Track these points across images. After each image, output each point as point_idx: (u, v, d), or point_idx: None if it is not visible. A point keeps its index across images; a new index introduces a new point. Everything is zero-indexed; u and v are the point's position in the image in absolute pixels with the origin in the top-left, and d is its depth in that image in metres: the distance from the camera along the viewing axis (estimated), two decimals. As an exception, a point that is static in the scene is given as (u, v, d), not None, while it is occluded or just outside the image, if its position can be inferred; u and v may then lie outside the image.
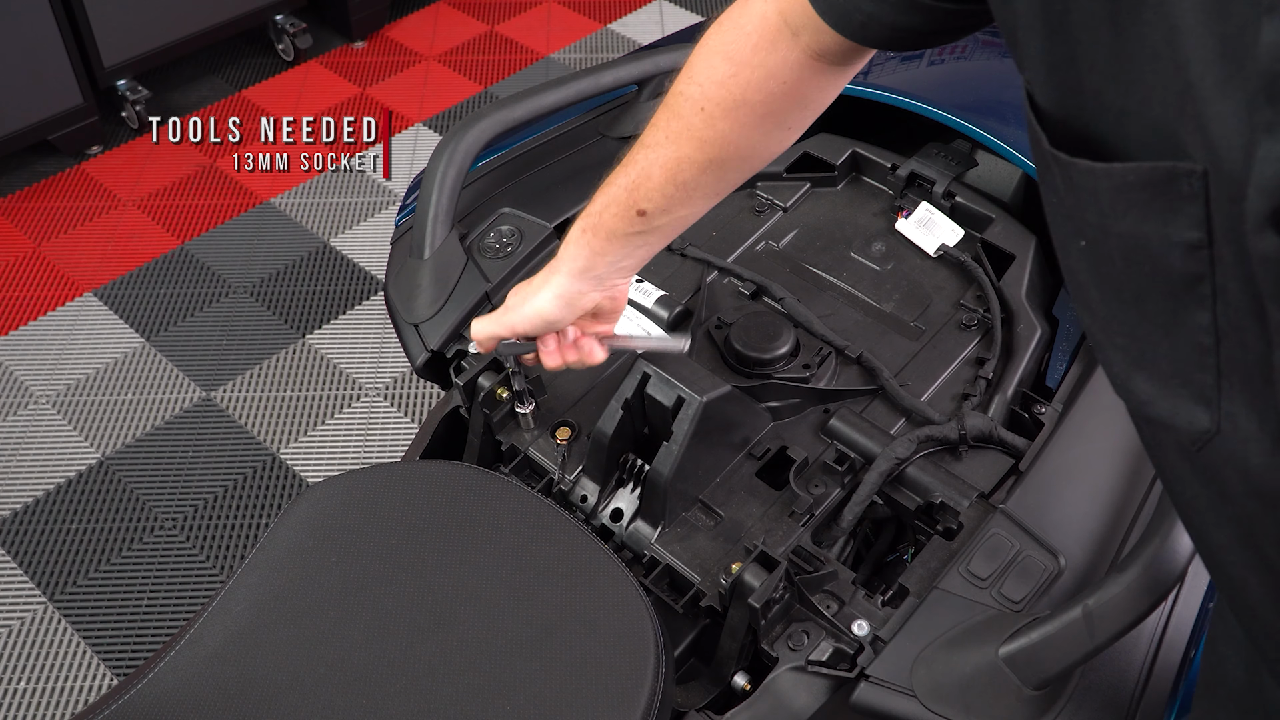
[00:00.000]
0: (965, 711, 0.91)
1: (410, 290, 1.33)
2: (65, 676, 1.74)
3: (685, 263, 1.36)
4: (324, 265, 2.48)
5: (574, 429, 1.18)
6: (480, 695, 0.91)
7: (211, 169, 2.73)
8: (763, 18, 0.85)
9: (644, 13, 3.33)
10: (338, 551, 1.02)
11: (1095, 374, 1.15)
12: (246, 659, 0.93)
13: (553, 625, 0.96)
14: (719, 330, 1.25)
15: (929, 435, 1.12)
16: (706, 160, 0.92)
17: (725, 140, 0.90)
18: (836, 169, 1.44)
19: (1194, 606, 0.98)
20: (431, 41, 3.18)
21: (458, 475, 1.09)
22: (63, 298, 2.39)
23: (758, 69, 0.86)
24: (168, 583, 1.87)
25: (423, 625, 0.96)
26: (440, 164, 1.34)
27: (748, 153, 0.93)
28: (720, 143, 0.91)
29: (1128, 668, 0.94)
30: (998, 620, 0.95)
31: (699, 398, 1.05)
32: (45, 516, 1.96)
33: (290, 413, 2.15)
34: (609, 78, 1.47)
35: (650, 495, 1.09)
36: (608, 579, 0.99)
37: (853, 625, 0.98)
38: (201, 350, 2.28)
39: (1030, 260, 1.29)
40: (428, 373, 1.30)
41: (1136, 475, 1.06)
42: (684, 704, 1.02)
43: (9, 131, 2.54)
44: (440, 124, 2.88)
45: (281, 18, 2.98)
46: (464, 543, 1.02)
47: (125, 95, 2.75)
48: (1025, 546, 1.01)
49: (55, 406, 2.16)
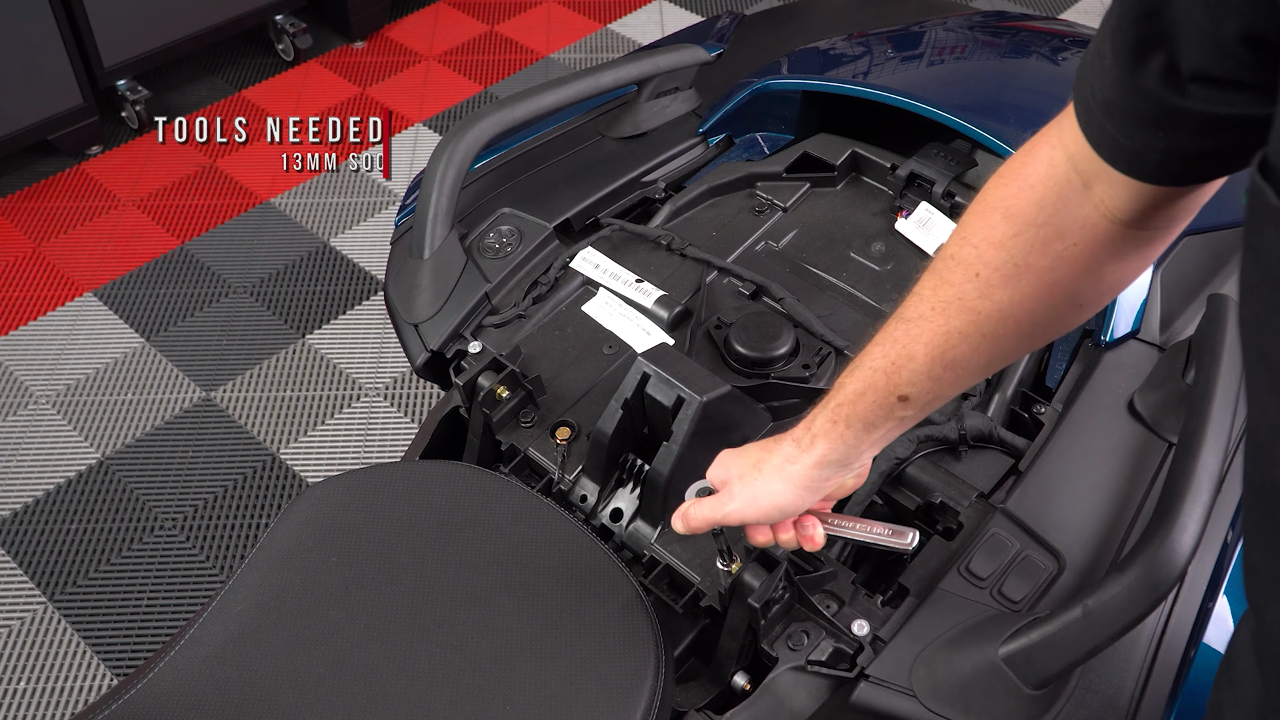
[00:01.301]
0: (965, 711, 0.91)
1: (410, 290, 1.33)
2: (65, 676, 1.74)
3: (685, 263, 1.36)
4: (324, 265, 2.48)
5: (574, 429, 1.18)
6: (480, 695, 0.91)
7: (211, 169, 2.73)
8: (1049, 165, 0.72)
9: (644, 13, 3.33)
10: (338, 551, 1.02)
11: (1095, 374, 1.15)
12: (246, 659, 0.93)
13: (552, 625, 0.96)
14: (719, 330, 1.25)
15: (929, 435, 1.12)
16: (981, 336, 0.78)
17: (1003, 314, 0.76)
18: (836, 169, 1.44)
19: (1194, 606, 0.98)
20: (431, 41, 3.18)
21: (458, 475, 1.09)
22: (63, 298, 2.39)
23: (1043, 228, 0.72)
24: (168, 583, 1.87)
25: (423, 625, 0.96)
26: (440, 164, 1.34)
27: (1029, 330, 0.78)
28: (998, 317, 0.77)
29: (1128, 668, 0.94)
30: (998, 620, 0.95)
31: (699, 398, 1.05)
32: (45, 516, 1.96)
33: (290, 413, 2.15)
34: (609, 78, 1.47)
35: (650, 495, 1.09)
36: (608, 579, 0.99)
37: (853, 625, 0.98)
38: (201, 350, 2.28)
39: (1030, 260, 1.29)
40: (428, 373, 1.30)
41: (1136, 475, 1.07)
42: (684, 704, 1.02)
43: (9, 131, 2.54)
44: (440, 124, 2.88)
45: (281, 18, 2.98)
46: (464, 543, 1.02)
47: (125, 95, 2.75)
48: (1025, 546, 1.01)
49: (55, 406, 2.16)
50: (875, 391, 0.82)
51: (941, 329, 0.78)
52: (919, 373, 0.80)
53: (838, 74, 1.54)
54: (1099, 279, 0.75)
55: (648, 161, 1.51)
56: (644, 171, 1.50)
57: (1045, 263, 0.74)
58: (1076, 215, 0.71)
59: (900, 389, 0.81)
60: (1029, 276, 0.74)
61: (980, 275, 0.75)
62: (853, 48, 1.61)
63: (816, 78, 1.52)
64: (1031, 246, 0.73)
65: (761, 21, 1.82)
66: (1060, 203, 0.71)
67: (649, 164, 1.51)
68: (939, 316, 0.78)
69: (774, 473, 0.89)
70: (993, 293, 0.76)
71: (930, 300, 0.79)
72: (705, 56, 1.57)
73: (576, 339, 1.28)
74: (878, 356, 0.82)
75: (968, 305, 0.77)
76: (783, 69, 1.55)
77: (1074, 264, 0.73)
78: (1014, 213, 0.73)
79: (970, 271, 0.76)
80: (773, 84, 1.52)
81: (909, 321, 0.80)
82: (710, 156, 1.55)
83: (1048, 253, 0.73)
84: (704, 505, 0.93)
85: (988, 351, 0.79)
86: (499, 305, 1.33)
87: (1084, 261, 0.73)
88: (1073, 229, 0.72)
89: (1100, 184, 0.69)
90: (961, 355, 0.79)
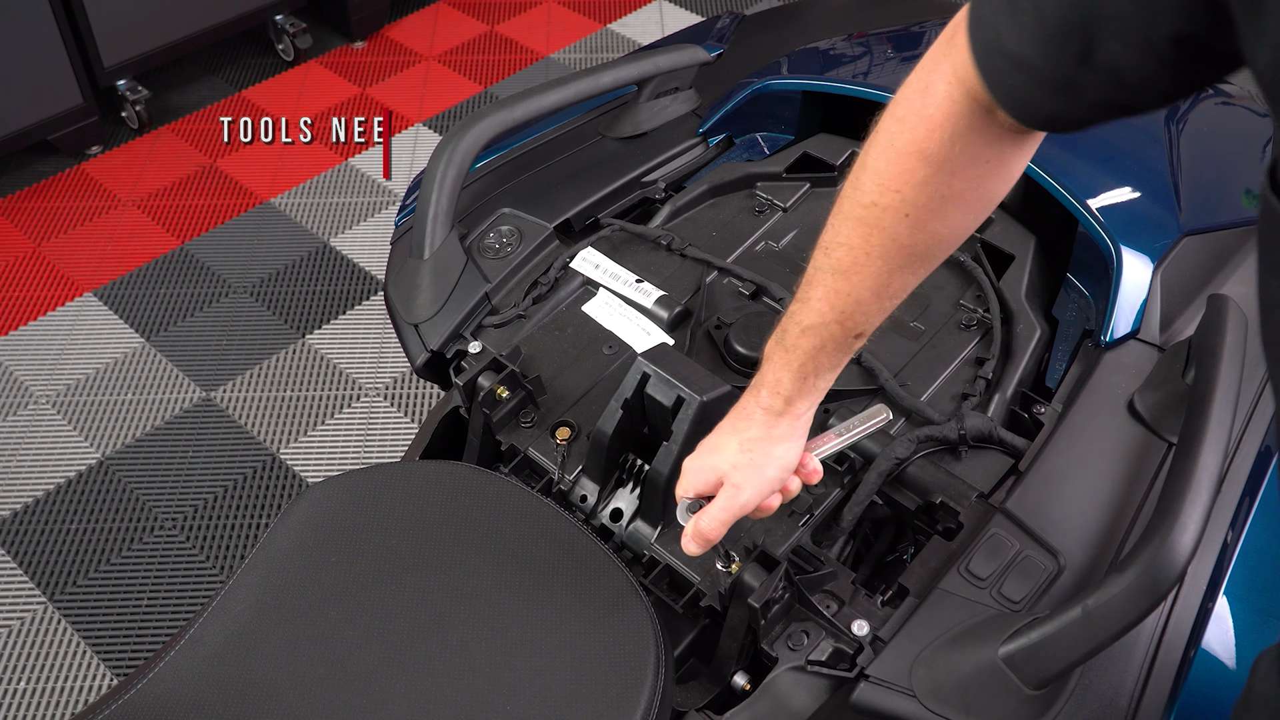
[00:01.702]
0: (965, 711, 0.91)
1: (410, 290, 1.33)
2: (65, 676, 1.74)
3: (685, 263, 1.36)
4: (324, 265, 2.48)
5: (574, 429, 1.18)
6: (480, 695, 0.91)
7: (211, 169, 2.73)
8: (950, 101, 0.75)
9: (644, 13, 3.33)
10: (338, 551, 1.02)
11: (1095, 374, 1.15)
12: (246, 659, 0.93)
13: (552, 625, 0.96)
14: (719, 330, 1.25)
15: (929, 435, 1.12)
16: (920, 261, 0.84)
17: (939, 238, 0.82)
18: (836, 169, 1.44)
19: (1194, 606, 0.98)
20: (431, 41, 3.18)
21: (458, 475, 1.09)
22: (63, 298, 2.39)
23: (959, 158, 0.77)
24: (168, 583, 1.87)
25: (423, 625, 0.96)
26: (440, 164, 1.34)
27: (955, 240, 0.85)
28: (933, 241, 0.82)
29: (1128, 668, 0.94)
30: (998, 620, 0.95)
31: (698, 397, 1.05)
32: (45, 516, 1.96)
33: (290, 413, 2.15)
34: (609, 78, 1.47)
35: (650, 495, 1.09)
36: (608, 579, 0.99)
37: (852, 625, 0.98)
38: (201, 350, 2.28)
39: (1030, 260, 1.29)
40: (428, 373, 1.30)
41: (1136, 475, 1.07)
42: (684, 704, 1.02)
43: (9, 131, 2.54)
44: (440, 124, 2.88)
45: (281, 18, 2.98)
46: (464, 543, 1.02)
47: (125, 95, 2.75)
48: (1025, 546, 1.01)
49: (55, 406, 2.16)
50: (834, 340, 0.87)
51: (883, 269, 0.83)
52: (869, 311, 0.86)
53: (838, 74, 1.54)
54: (1010, 177, 0.81)
55: (648, 161, 1.51)
56: (644, 171, 1.50)
57: (966, 185, 0.79)
58: (987, 136, 0.76)
59: (855, 329, 0.87)
60: (955, 203, 0.79)
61: (910, 215, 0.80)
62: (853, 48, 1.61)
63: (816, 78, 1.52)
64: (953, 176, 0.78)
65: (761, 21, 1.82)
66: (970, 132, 0.75)
67: (649, 164, 1.51)
68: (876, 260, 0.82)
69: (767, 443, 0.92)
70: (925, 226, 0.80)
71: (863, 247, 0.82)
72: (705, 56, 1.57)
73: (576, 339, 1.28)
74: (825, 311, 0.86)
75: (903, 243, 0.81)
76: (783, 69, 1.55)
77: (992, 178, 0.79)
78: (929, 154, 0.77)
79: (899, 214, 0.80)
80: (773, 84, 1.52)
81: (846, 273, 0.84)
82: (710, 156, 1.55)
83: (968, 176, 0.78)
84: (713, 511, 0.92)
85: (927, 269, 0.86)
86: (499, 305, 1.33)
87: (999, 172, 0.79)
88: (985, 150, 0.77)
89: (1000, 110, 0.73)
90: (905, 281, 0.85)
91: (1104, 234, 1.23)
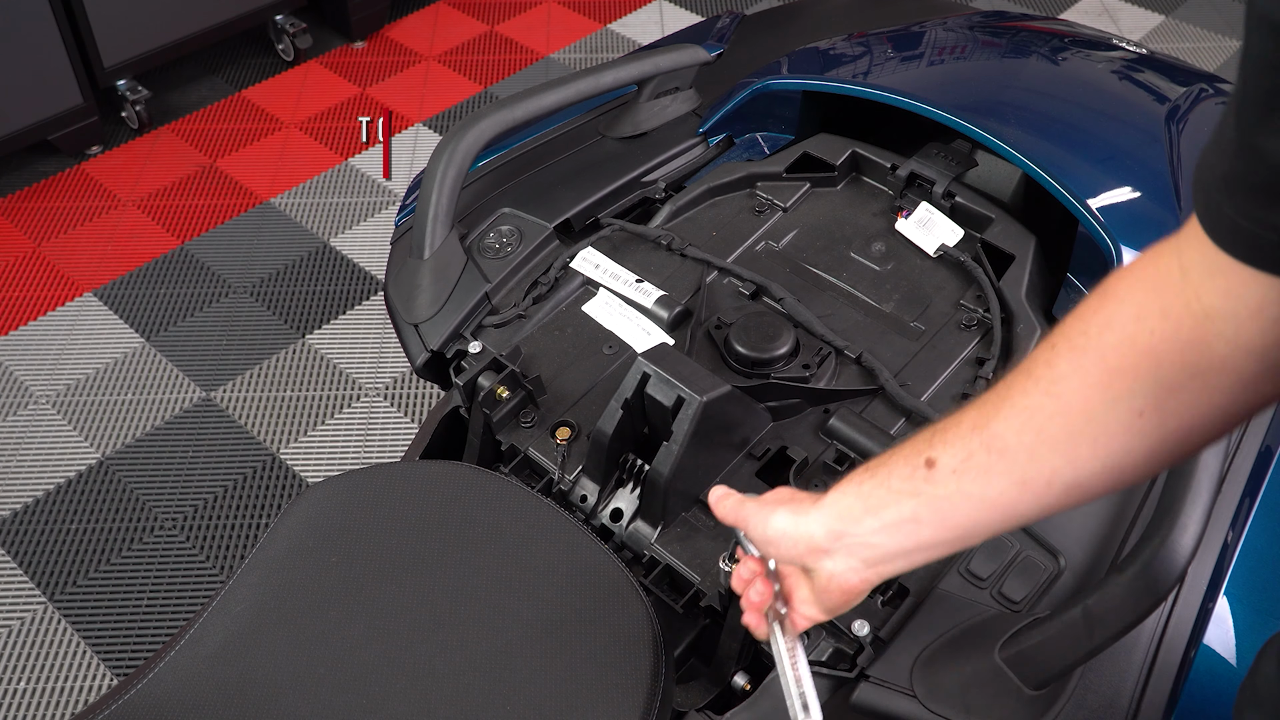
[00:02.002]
0: (965, 711, 0.91)
1: (410, 290, 1.33)
2: (65, 676, 1.74)
3: (685, 263, 1.36)
4: (324, 265, 2.48)
5: (574, 429, 1.18)
6: (480, 695, 0.91)
7: (211, 169, 2.73)
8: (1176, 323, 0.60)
9: (644, 13, 3.33)
10: (338, 551, 1.02)
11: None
12: (246, 659, 0.93)
13: (552, 625, 0.96)
14: (719, 330, 1.25)
15: (929, 435, 1.11)
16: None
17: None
18: (836, 169, 1.44)
19: (1194, 607, 0.98)
20: (431, 41, 3.18)
21: (458, 475, 1.09)
22: (63, 298, 2.39)
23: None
24: (168, 583, 1.87)
25: (423, 625, 0.96)
26: (440, 164, 1.34)
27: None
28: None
29: (1128, 668, 0.94)
30: (998, 620, 0.95)
31: (699, 398, 1.05)
32: (45, 516, 1.96)
33: (290, 413, 2.15)
34: (609, 78, 1.47)
35: (650, 495, 1.09)
36: (608, 579, 0.99)
37: (853, 625, 0.98)
38: (201, 350, 2.28)
39: (1030, 260, 1.29)
40: (428, 373, 1.30)
41: (1136, 475, 1.06)
42: (684, 704, 1.02)
43: (9, 131, 2.54)
44: (440, 124, 2.88)
45: (281, 18, 2.98)
46: (464, 543, 1.02)
47: (125, 95, 2.75)
48: (1025, 546, 1.01)
49: (55, 406, 2.16)
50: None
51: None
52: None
53: (838, 74, 1.54)
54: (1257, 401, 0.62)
55: (648, 161, 1.51)
56: (644, 171, 1.50)
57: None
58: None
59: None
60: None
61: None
62: (853, 48, 1.61)
63: (816, 78, 1.52)
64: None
65: (761, 21, 1.82)
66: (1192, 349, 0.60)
67: (649, 164, 1.51)
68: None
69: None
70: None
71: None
72: (705, 56, 1.57)
73: (576, 339, 1.28)
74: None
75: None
76: (783, 69, 1.55)
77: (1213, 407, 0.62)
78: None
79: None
80: (773, 84, 1.52)
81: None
82: (710, 156, 1.55)
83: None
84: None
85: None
86: (499, 305, 1.33)
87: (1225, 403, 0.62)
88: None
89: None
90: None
91: (1104, 234, 1.23)
